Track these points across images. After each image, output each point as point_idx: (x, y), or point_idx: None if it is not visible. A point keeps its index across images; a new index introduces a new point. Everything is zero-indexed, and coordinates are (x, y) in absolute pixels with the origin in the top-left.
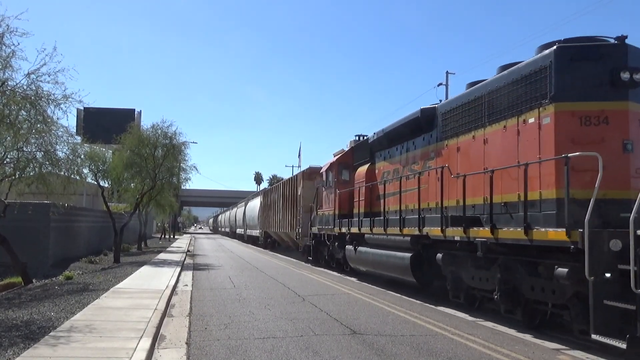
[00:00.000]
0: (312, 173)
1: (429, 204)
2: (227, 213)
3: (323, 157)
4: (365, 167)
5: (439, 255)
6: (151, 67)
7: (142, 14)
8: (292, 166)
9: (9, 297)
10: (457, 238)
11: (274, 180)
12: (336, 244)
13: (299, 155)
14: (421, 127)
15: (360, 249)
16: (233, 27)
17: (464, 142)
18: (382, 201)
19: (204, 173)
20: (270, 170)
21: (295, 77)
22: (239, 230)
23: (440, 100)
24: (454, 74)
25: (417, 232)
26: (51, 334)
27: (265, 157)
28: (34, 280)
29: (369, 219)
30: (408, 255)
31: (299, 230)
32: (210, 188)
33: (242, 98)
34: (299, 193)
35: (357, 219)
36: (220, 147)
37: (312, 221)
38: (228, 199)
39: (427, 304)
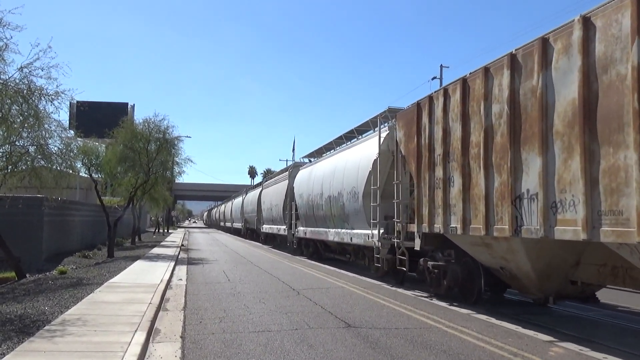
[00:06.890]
0: None
1: None
2: (238, 199)
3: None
4: None
5: None
6: (144, 60)
7: (135, 7)
8: (286, 160)
9: (3, 292)
10: None
11: (268, 173)
12: None
13: (293, 149)
14: None
15: None
16: (226, 20)
17: None
18: None
19: (198, 167)
20: (264, 164)
21: (289, 70)
22: (267, 228)
23: None
24: (448, 67)
25: None
26: (45, 328)
27: (259, 150)
28: (27, 275)
29: None
30: None
31: None
32: (204, 182)
33: (236, 91)
34: None
35: None
36: (213, 140)
37: None
38: (222, 193)
39: (421, 298)
